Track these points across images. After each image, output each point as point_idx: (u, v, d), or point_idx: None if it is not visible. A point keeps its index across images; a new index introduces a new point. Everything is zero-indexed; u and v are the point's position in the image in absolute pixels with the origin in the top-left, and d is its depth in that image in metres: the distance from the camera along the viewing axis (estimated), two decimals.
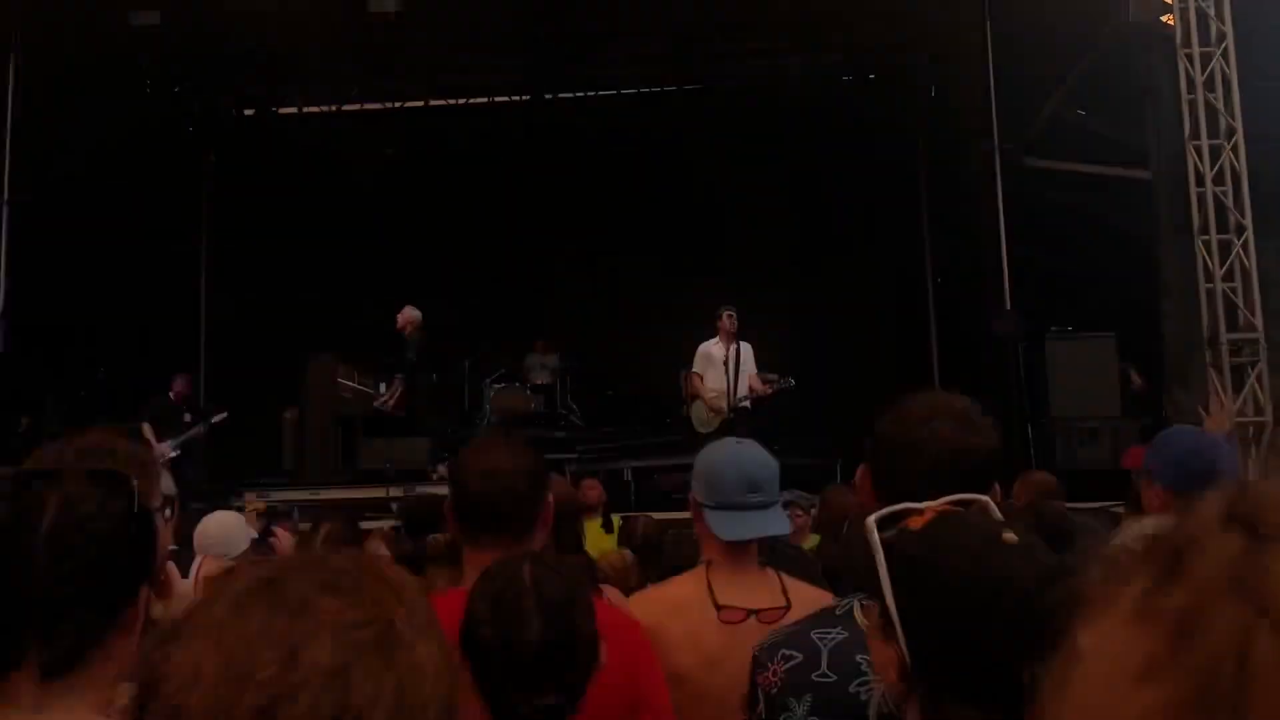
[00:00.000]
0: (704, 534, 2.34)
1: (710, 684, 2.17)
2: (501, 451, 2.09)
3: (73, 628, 1.17)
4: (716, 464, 2.34)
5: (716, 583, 2.23)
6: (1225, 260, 7.94)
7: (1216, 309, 7.91)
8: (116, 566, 1.22)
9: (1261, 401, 7.78)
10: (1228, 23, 8.01)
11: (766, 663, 1.73)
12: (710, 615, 2.19)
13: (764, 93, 13.76)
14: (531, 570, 1.61)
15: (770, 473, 2.33)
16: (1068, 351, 9.60)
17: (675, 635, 2.21)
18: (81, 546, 1.19)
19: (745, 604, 2.19)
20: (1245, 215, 7.96)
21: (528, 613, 1.55)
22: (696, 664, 2.19)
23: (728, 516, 2.26)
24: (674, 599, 2.31)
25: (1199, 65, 8.03)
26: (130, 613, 1.26)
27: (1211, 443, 2.91)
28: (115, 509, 1.23)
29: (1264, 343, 7.85)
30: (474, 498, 2.06)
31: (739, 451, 2.37)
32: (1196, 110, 8.03)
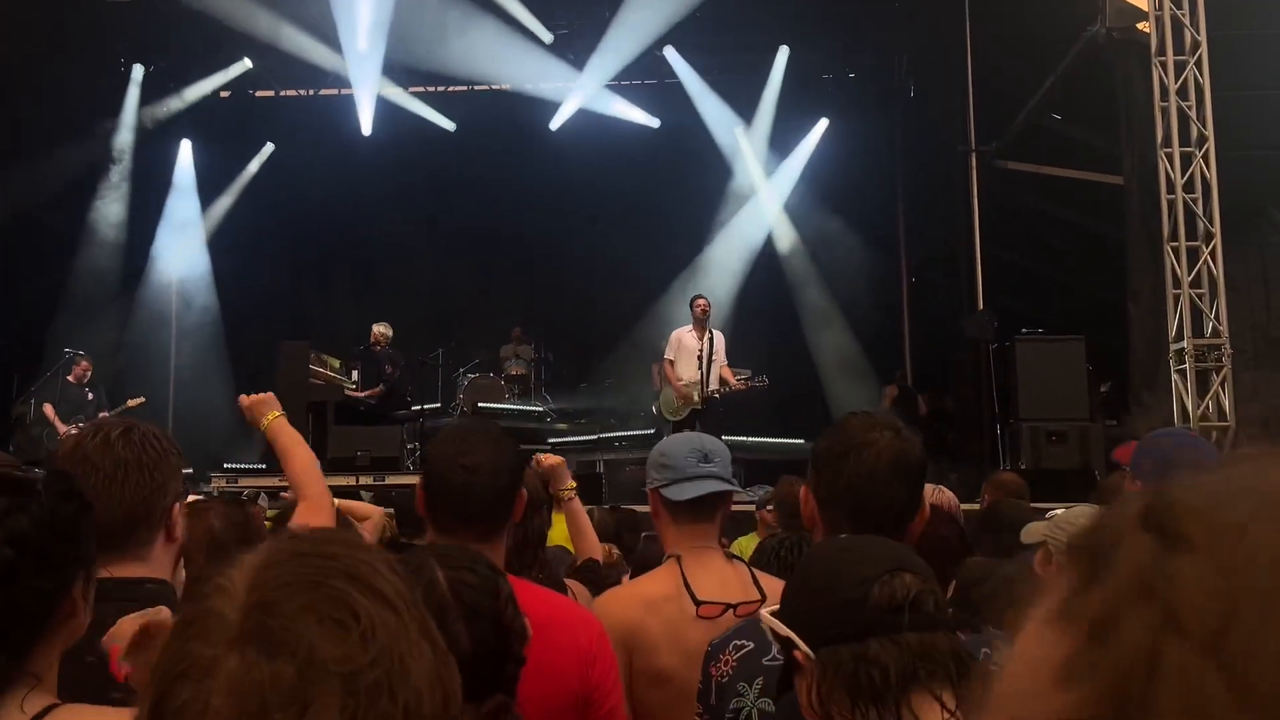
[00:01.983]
0: (665, 525, 2.34)
1: (695, 679, 2.18)
2: (484, 445, 2.04)
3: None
4: (668, 445, 2.39)
5: (691, 576, 2.21)
6: (1193, 267, 8.04)
7: (1183, 315, 8.01)
8: (23, 587, 1.19)
9: (1225, 407, 7.89)
10: (1202, 32, 8.10)
11: (718, 655, 1.79)
12: (689, 610, 2.18)
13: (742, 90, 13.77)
14: (447, 575, 1.53)
15: (721, 449, 2.36)
16: (1037, 354, 9.68)
17: (656, 634, 2.20)
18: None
19: (721, 598, 2.18)
20: (1214, 223, 8.05)
21: (453, 625, 1.45)
22: (680, 662, 2.17)
23: (680, 485, 2.27)
24: (650, 596, 2.28)
25: (1173, 73, 8.11)
26: (62, 610, 1.24)
27: (1199, 446, 2.93)
28: (19, 523, 1.20)
29: (1228, 349, 7.96)
30: (454, 491, 2.01)
31: (690, 434, 2.48)
32: (1169, 118, 8.12)
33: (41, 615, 1.22)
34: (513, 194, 13.72)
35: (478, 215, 13.91)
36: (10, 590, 1.18)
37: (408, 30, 12.35)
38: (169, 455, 1.76)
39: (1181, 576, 0.41)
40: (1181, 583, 0.41)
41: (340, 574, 0.78)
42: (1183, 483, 0.45)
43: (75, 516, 1.28)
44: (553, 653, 1.84)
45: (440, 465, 2.04)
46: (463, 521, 2.01)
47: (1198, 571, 0.41)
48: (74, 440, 1.76)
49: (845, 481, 1.76)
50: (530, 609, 1.60)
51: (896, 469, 1.77)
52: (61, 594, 1.24)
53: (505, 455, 2.06)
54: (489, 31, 12.28)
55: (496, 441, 2.08)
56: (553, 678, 1.86)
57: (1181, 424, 7.89)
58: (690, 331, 9.51)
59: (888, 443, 1.78)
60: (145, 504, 1.69)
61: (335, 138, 13.83)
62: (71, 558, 1.26)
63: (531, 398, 12.79)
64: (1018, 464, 9.35)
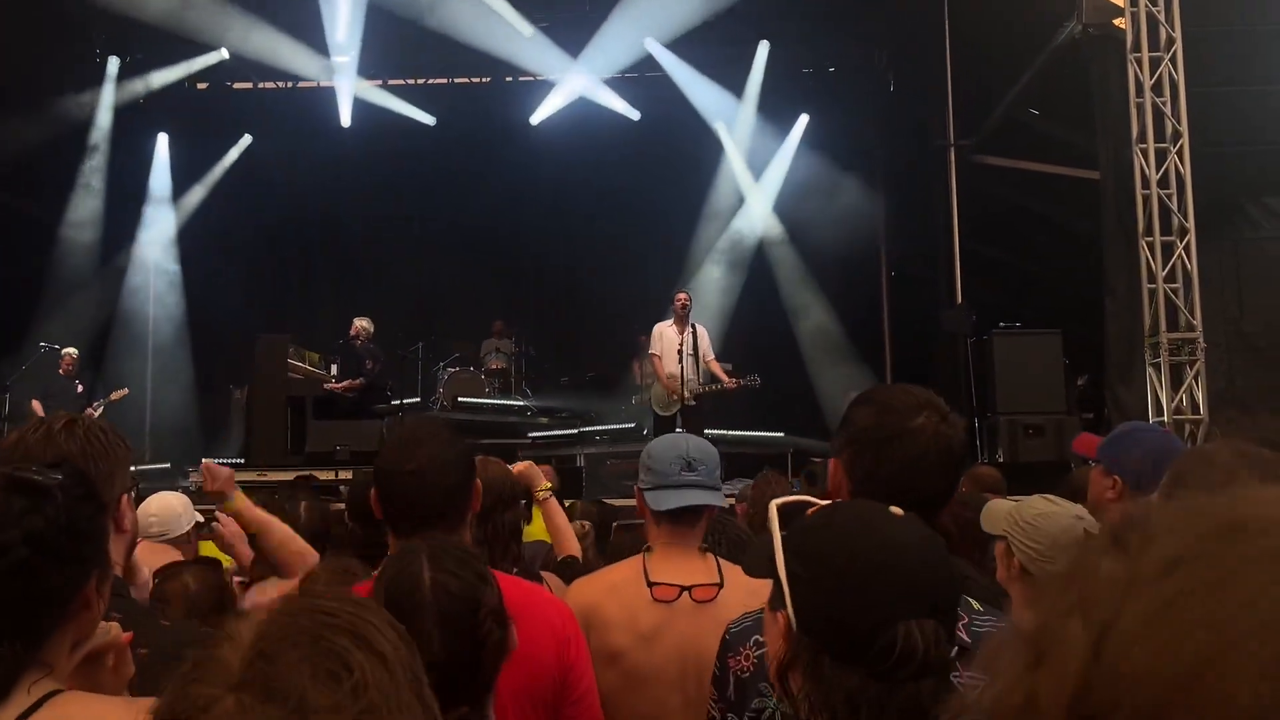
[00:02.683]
0: (649, 526, 2.40)
1: (647, 660, 2.23)
2: (426, 446, 2.05)
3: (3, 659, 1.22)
4: (655, 449, 2.41)
5: (652, 564, 2.28)
6: (1168, 262, 8.12)
7: (1158, 309, 8.09)
8: (40, 583, 1.26)
9: (1199, 400, 7.98)
10: (1177, 29, 8.18)
11: (739, 646, 1.74)
12: (645, 594, 2.24)
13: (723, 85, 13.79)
14: (432, 578, 1.53)
15: (709, 457, 2.38)
16: (1014, 348, 9.76)
17: (611, 614, 2.26)
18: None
19: (679, 581, 2.23)
20: (1188, 218, 8.14)
21: (428, 628, 1.50)
22: (632, 642, 2.24)
23: (663, 492, 2.32)
24: (611, 580, 2.37)
25: (1148, 70, 8.19)
26: (75, 605, 1.31)
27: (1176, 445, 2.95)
28: (36, 523, 1.26)
29: (1202, 343, 8.05)
30: (403, 494, 2.03)
31: (678, 437, 2.45)
32: (1144, 114, 8.19)
33: (56, 610, 1.29)
34: (493, 187, 13.69)
35: (458, 208, 13.87)
36: (26, 586, 1.25)
37: (387, 22, 12.29)
38: (114, 448, 1.76)
39: (1100, 569, 0.48)
40: (1097, 572, 0.48)
41: (341, 630, 0.83)
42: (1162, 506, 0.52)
43: (91, 517, 1.35)
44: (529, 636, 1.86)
45: (386, 471, 2.06)
46: (418, 523, 2.02)
47: (1112, 568, 0.48)
48: (17, 434, 1.76)
49: (889, 469, 1.66)
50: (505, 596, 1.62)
51: (943, 458, 1.68)
52: (75, 590, 1.31)
53: (449, 452, 2.06)
54: (468, 24, 12.23)
55: (439, 440, 2.08)
56: (530, 660, 1.90)
57: (1155, 417, 7.98)
58: (671, 326, 9.54)
59: (935, 429, 1.68)
60: None
61: (314, 130, 13.75)
62: (85, 556, 1.33)
63: (512, 392, 12.77)
64: (995, 457, 9.43)
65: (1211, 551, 0.46)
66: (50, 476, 1.32)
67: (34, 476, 1.30)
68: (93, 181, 12.88)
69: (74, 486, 1.34)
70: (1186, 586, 0.45)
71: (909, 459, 1.66)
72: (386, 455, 2.10)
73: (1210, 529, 0.47)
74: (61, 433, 1.72)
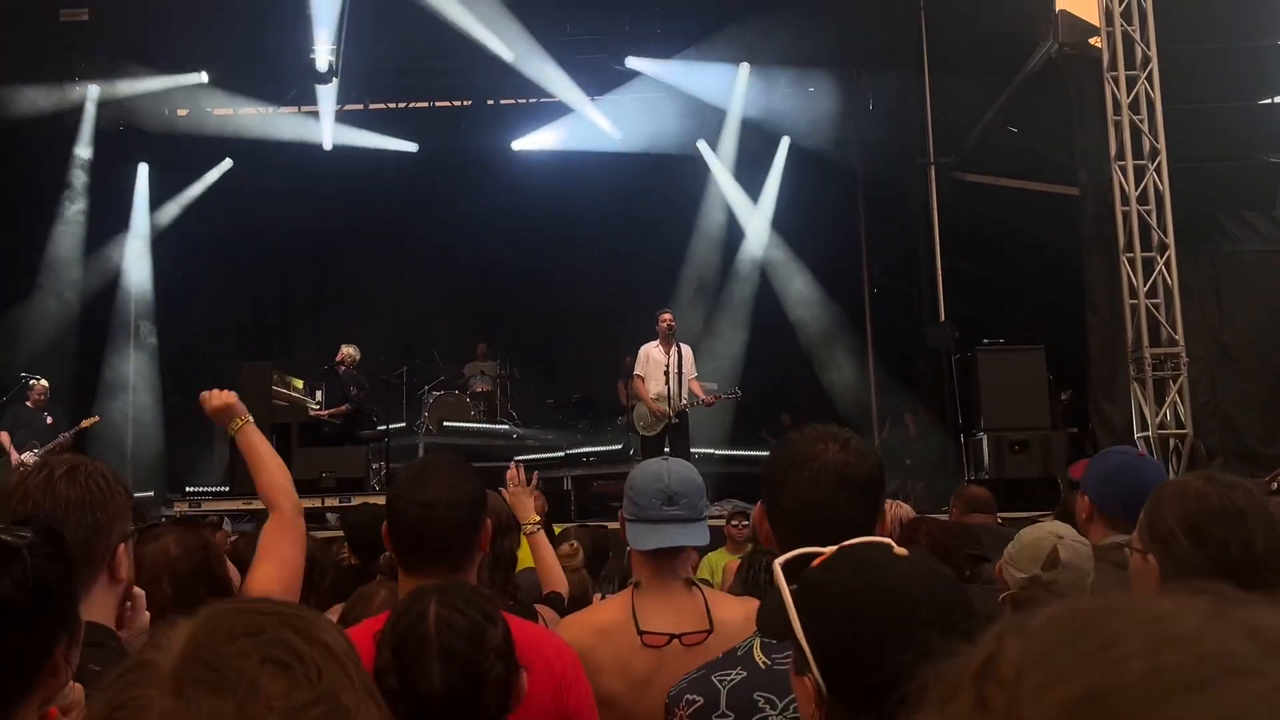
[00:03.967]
0: (632, 551, 2.39)
1: (638, 706, 2.21)
2: (439, 480, 2.04)
3: None
4: (638, 479, 2.37)
5: (641, 606, 2.26)
6: (1149, 277, 8.19)
7: (1140, 324, 8.15)
8: (5, 652, 1.19)
9: (1182, 414, 8.04)
10: (1152, 48, 8.28)
11: (674, 709, 1.78)
12: (635, 639, 2.23)
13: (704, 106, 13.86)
14: (437, 613, 1.55)
15: (691, 488, 2.35)
16: (998, 364, 9.80)
17: (603, 659, 2.24)
18: None
19: (668, 628, 2.22)
20: (1168, 234, 8.22)
21: (429, 661, 1.52)
22: (625, 689, 2.22)
23: (643, 528, 2.30)
24: (600, 624, 2.33)
25: (1124, 88, 8.28)
26: (44, 673, 1.24)
27: (1136, 465, 3.02)
28: (2, 586, 1.19)
29: (1185, 357, 8.11)
30: (412, 529, 2.02)
31: (661, 467, 2.40)
32: (1122, 131, 8.28)
33: (23, 677, 1.21)
34: (475, 209, 13.67)
35: (439, 231, 13.85)
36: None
37: (368, 47, 12.30)
38: (115, 495, 1.74)
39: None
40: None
41: (283, 624, 0.77)
42: (1021, 633, 0.50)
43: (62, 578, 1.28)
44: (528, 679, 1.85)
45: (398, 503, 2.05)
46: (427, 558, 2.01)
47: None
48: (18, 478, 1.74)
49: (790, 500, 1.71)
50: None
51: (841, 482, 1.70)
52: (44, 656, 1.23)
53: (462, 488, 2.05)
54: (451, 49, 12.25)
55: (453, 475, 2.07)
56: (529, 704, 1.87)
57: (1140, 432, 8.03)
58: (657, 347, 9.55)
59: (832, 455, 1.71)
60: (86, 545, 1.65)
61: (295, 155, 13.72)
62: (55, 620, 1.26)
63: (497, 415, 12.73)
64: (981, 474, 9.46)
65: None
66: (18, 535, 1.24)
67: (1, 536, 1.23)
68: (73, 210, 12.79)
69: (43, 545, 1.26)
70: None
71: (805, 488, 1.69)
72: (399, 487, 2.10)
73: (1067, 701, 0.46)
74: (63, 479, 1.69)
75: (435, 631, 1.54)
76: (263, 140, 13.88)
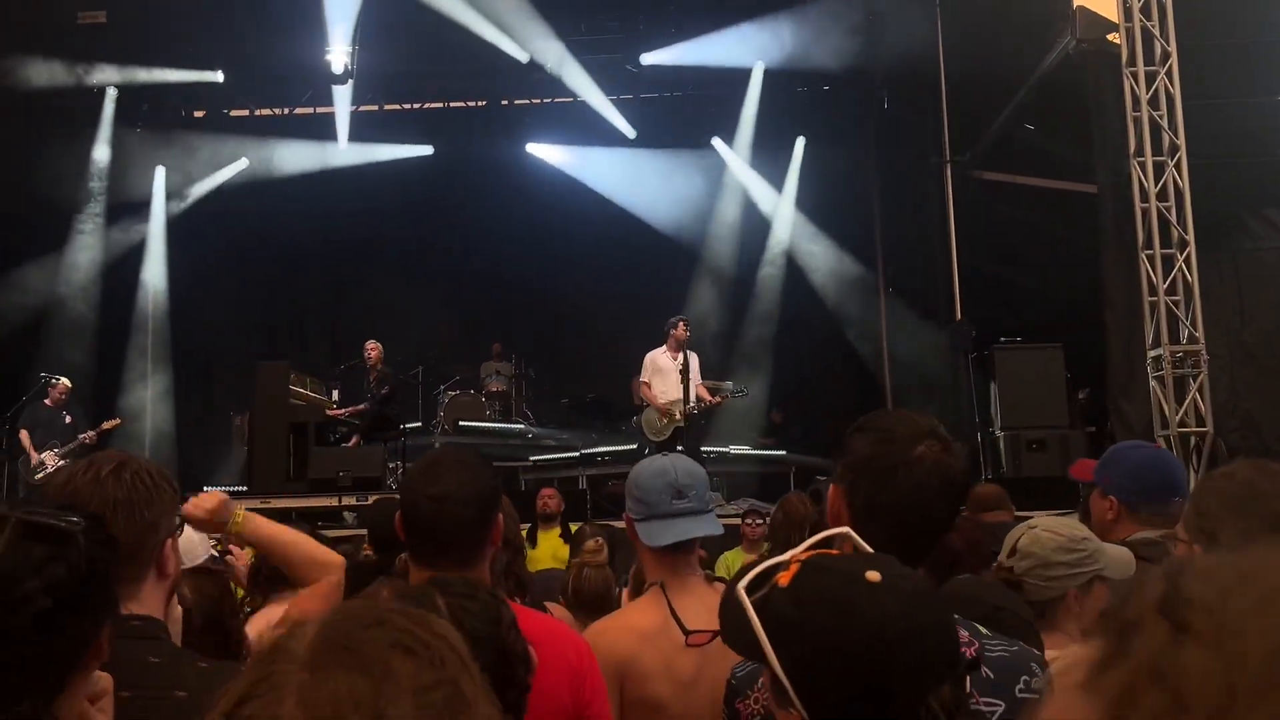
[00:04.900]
0: (641, 549, 2.36)
1: (687, 708, 2.19)
2: (452, 473, 2.03)
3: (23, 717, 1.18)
4: (642, 477, 2.35)
5: (678, 604, 2.23)
6: (1168, 275, 8.12)
7: (1160, 322, 8.08)
8: (61, 634, 1.21)
9: (1203, 412, 7.97)
10: (1172, 43, 8.21)
11: (746, 690, 1.70)
12: (678, 639, 2.19)
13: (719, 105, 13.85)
14: (448, 602, 1.53)
15: (697, 480, 2.34)
16: (1016, 362, 9.76)
17: (650, 664, 2.21)
18: (20, 622, 1.18)
19: (709, 624, 2.19)
20: (1188, 231, 8.14)
21: None
22: (673, 691, 2.20)
23: (656, 525, 2.28)
24: (640, 628, 2.29)
25: (1144, 84, 8.21)
26: (92, 652, 1.27)
27: (1164, 458, 2.98)
28: (57, 572, 1.21)
29: (1205, 355, 8.04)
30: (423, 522, 2.01)
31: (664, 462, 2.38)
32: (1141, 127, 8.21)
33: (74, 659, 1.24)
34: (489, 208, 13.71)
35: (456, 231, 13.89)
36: (48, 639, 1.20)
37: (384, 48, 12.34)
38: (162, 491, 1.75)
39: (1190, 666, 0.46)
40: (1189, 672, 0.46)
41: (405, 617, 0.82)
42: (1198, 570, 0.50)
43: (110, 561, 1.31)
44: (545, 670, 1.84)
45: (410, 496, 2.05)
46: (437, 551, 2.01)
47: (1203, 663, 0.46)
48: (65, 475, 1.75)
49: (890, 499, 1.63)
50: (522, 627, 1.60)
51: (944, 488, 1.65)
52: (93, 638, 1.27)
53: (474, 482, 2.04)
54: (465, 50, 12.27)
55: (465, 469, 2.06)
56: (545, 694, 1.87)
57: (1160, 430, 7.96)
58: (665, 353, 9.54)
59: (936, 458, 1.65)
60: (135, 543, 1.67)
61: (311, 155, 13.77)
62: (105, 602, 1.30)
63: (513, 414, 12.75)
64: (999, 472, 9.41)
65: None
66: (70, 521, 1.27)
67: (56, 522, 1.25)
68: (91, 211, 12.88)
69: (93, 530, 1.29)
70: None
71: (910, 489, 1.63)
72: (411, 479, 2.09)
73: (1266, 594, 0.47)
74: (110, 477, 1.70)
75: (454, 620, 1.49)
76: (279, 141, 13.95)
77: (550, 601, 3.32)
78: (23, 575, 1.19)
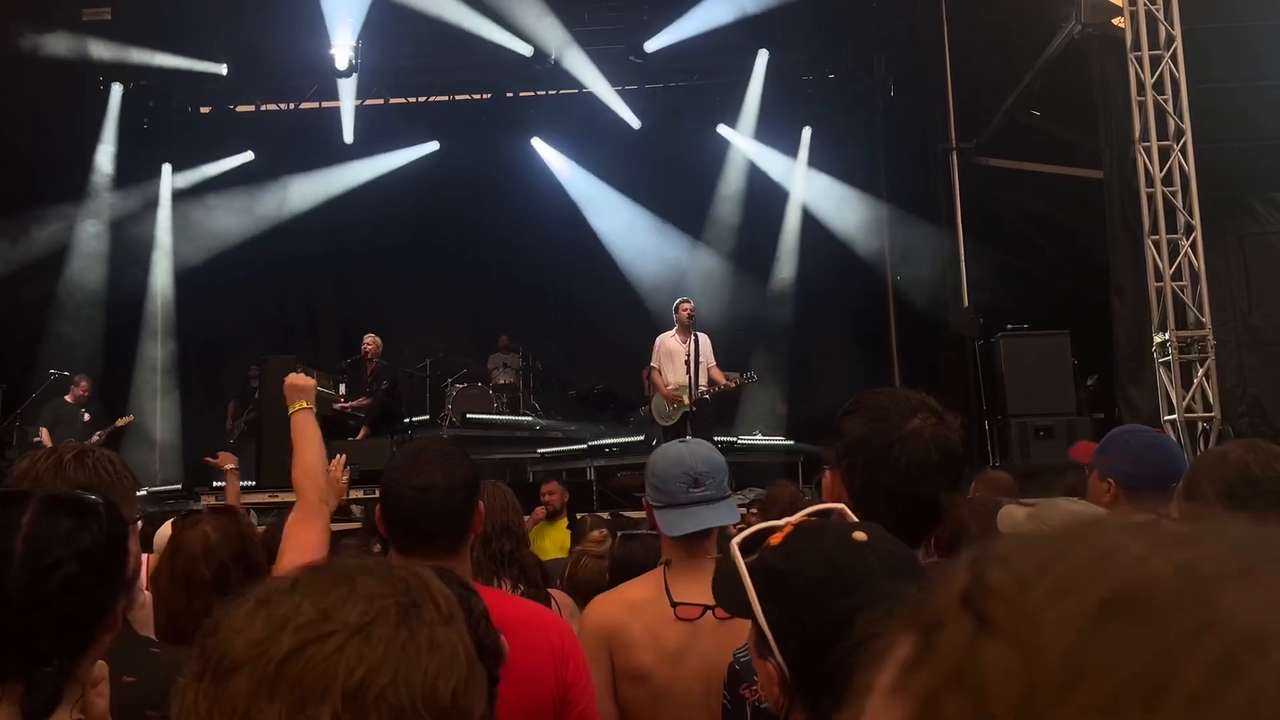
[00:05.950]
0: (661, 534, 2.39)
1: (673, 680, 2.22)
2: (436, 464, 2.05)
3: (51, 677, 1.25)
4: (660, 465, 2.37)
5: (673, 581, 2.26)
6: (1174, 260, 8.09)
7: (1166, 307, 8.05)
8: (87, 599, 1.30)
9: (1210, 398, 7.94)
10: (1176, 27, 8.16)
11: (750, 676, 1.70)
12: (668, 612, 2.22)
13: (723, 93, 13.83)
14: None
15: (715, 467, 2.36)
16: (1023, 349, 9.73)
17: (635, 634, 2.25)
18: (49, 586, 1.26)
19: (701, 600, 2.20)
20: (1194, 215, 8.11)
21: None
22: (657, 661, 2.23)
23: (674, 514, 2.30)
24: (631, 599, 2.34)
25: (1148, 68, 8.17)
26: (107, 624, 1.35)
27: (1164, 443, 2.97)
28: (83, 541, 1.30)
29: (1212, 340, 8.01)
30: (408, 513, 2.03)
31: (682, 449, 2.40)
32: (1146, 112, 8.17)
33: (96, 624, 1.33)
34: (494, 200, 13.72)
35: (462, 223, 13.90)
36: (75, 602, 1.29)
37: (388, 41, 12.35)
38: (121, 479, 1.79)
39: (989, 665, 0.41)
40: (989, 671, 0.41)
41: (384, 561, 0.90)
42: (1001, 555, 0.45)
43: (124, 537, 1.40)
44: (527, 653, 1.87)
45: (394, 488, 2.06)
46: (421, 541, 2.03)
47: (1003, 661, 0.41)
48: (28, 462, 1.78)
49: (890, 476, 1.60)
50: (502, 613, 1.61)
51: (944, 459, 1.62)
52: (113, 605, 1.36)
53: (458, 472, 2.07)
54: (470, 43, 12.27)
55: (448, 459, 2.08)
56: (529, 678, 1.90)
57: (1167, 415, 7.94)
58: (674, 336, 9.53)
59: (932, 430, 1.62)
60: None
61: (316, 149, 13.81)
62: (121, 573, 1.38)
63: (520, 407, 12.77)
64: (1006, 460, 9.40)
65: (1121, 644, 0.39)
66: (92, 498, 1.36)
67: (81, 496, 1.35)
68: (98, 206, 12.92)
69: (110, 509, 1.38)
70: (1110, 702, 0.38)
71: (909, 465, 1.60)
72: (394, 472, 2.10)
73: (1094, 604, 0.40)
74: (71, 463, 1.75)
75: None
76: (284, 135, 13.98)
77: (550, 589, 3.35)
78: (53, 544, 1.28)
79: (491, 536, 3.05)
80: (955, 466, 1.66)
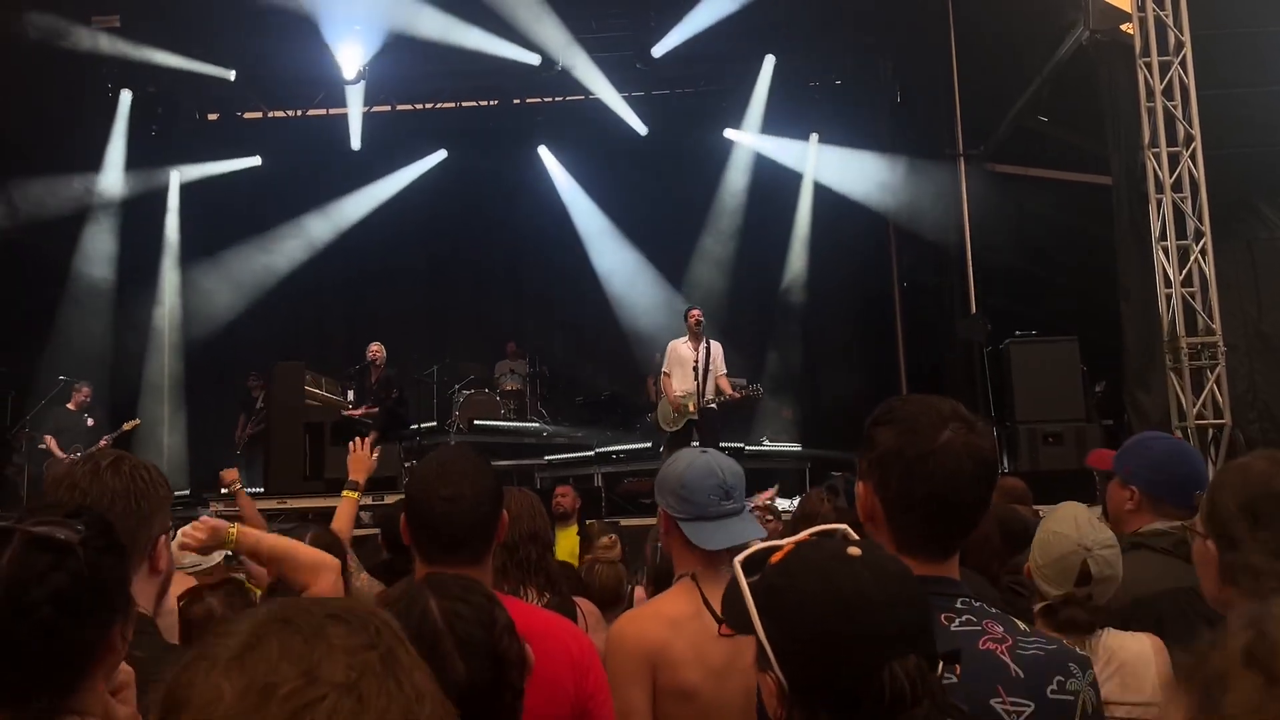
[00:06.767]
0: (678, 547, 2.35)
1: (719, 696, 2.19)
2: (463, 474, 2.07)
3: (38, 713, 1.23)
4: (686, 476, 2.32)
5: (710, 594, 2.21)
6: (1184, 266, 8.06)
7: (1176, 313, 8.02)
8: (65, 641, 1.26)
9: (1221, 404, 7.90)
10: (1185, 33, 8.14)
11: None
12: (711, 628, 2.19)
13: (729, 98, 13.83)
14: (440, 605, 1.52)
15: (740, 479, 2.35)
16: (1032, 355, 9.71)
17: (681, 651, 2.22)
18: (22, 631, 1.23)
19: None
20: (1203, 222, 8.08)
21: (447, 655, 1.46)
22: (704, 679, 2.20)
23: (705, 527, 2.28)
24: (670, 615, 2.29)
25: (1158, 74, 8.15)
26: (101, 652, 1.30)
27: (1187, 450, 2.95)
28: (59, 582, 1.25)
29: (1222, 346, 7.98)
30: (436, 521, 2.04)
31: (710, 460, 2.36)
32: (1155, 118, 8.15)
33: (83, 662, 1.29)
34: (502, 207, 13.74)
35: (469, 230, 13.92)
36: (52, 644, 1.24)
37: (395, 48, 12.37)
38: (156, 487, 1.79)
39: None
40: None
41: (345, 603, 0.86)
42: (1273, 620, 0.48)
43: (113, 568, 1.34)
44: (547, 662, 1.85)
45: (420, 497, 2.07)
46: (447, 550, 2.04)
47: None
48: (64, 468, 1.80)
49: (925, 488, 1.58)
50: (522, 623, 1.61)
51: (979, 469, 1.61)
52: (101, 641, 1.31)
53: (484, 482, 2.09)
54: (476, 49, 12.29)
55: (475, 469, 2.10)
56: (549, 687, 1.89)
57: (1178, 422, 7.91)
58: (685, 343, 9.53)
59: (965, 441, 1.60)
60: (129, 534, 1.69)
61: (324, 156, 13.84)
62: (109, 606, 1.33)
63: (527, 413, 12.77)
64: (1015, 466, 9.36)
65: None
66: (72, 529, 1.30)
67: (56, 533, 1.28)
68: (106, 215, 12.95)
69: (95, 538, 1.32)
70: None
71: (944, 477, 1.58)
72: (420, 481, 2.10)
73: None
74: (108, 470, 1.76)
75: (446, 624, 1.51)
76: (292, 141, 14.02)
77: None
78: (28, 585, 1.24)
79: (519, 543, 3.03)
80: (989, 476, 1.65)
